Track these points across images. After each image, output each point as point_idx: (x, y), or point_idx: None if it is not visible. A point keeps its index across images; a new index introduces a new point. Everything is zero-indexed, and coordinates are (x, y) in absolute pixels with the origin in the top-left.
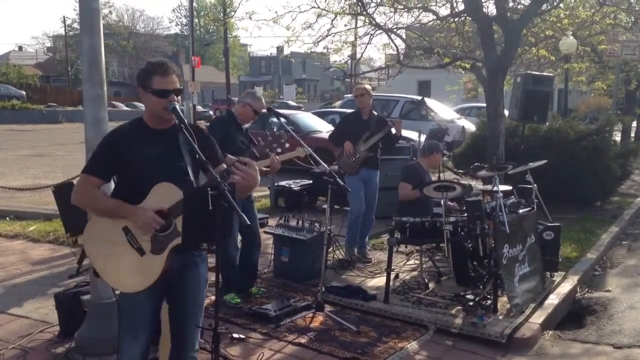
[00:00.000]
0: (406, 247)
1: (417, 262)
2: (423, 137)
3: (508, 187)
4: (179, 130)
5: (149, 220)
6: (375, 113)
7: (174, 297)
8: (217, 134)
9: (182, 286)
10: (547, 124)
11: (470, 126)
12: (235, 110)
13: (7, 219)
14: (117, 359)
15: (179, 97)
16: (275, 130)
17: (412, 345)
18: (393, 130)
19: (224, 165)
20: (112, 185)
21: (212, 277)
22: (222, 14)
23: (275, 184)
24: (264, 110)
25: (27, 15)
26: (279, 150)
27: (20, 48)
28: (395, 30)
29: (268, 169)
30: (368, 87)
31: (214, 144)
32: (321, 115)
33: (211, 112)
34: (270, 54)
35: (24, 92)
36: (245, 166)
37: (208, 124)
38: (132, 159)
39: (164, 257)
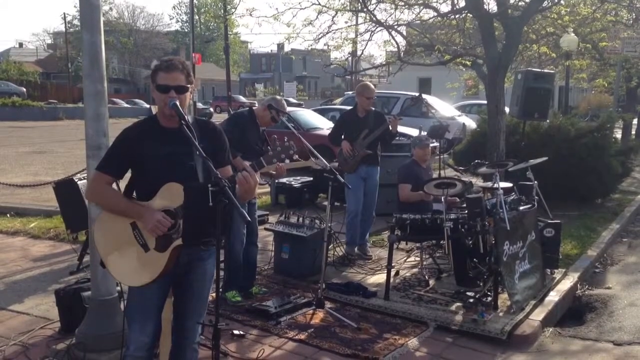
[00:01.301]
0: (406, 244)
1: (418, 259)
2: (423, 134)
3: (508, 184)
4: (193, 130)
5: (156, 223)
6: (373, 109)
7: (179, 291)
8: (234, 129)
9: (187, 280)
10: (548, 121)
11: (470, 123)
12: (257, 111)
13: (8, 215)
14: (123, 350)
15: (186, 95)
16: (285, 139)
17: (413, 342)
18: (389, 127)
19: (229, 169)
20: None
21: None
22: (222, 10)
23: (276, 181)
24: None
25: (28, 12)
26: (287, 161)
27: (20, 45)
28: (395, 27)
29: (274, 172)
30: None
31: (224, 142)
32: (322, 112)
33: (211, 109)
34: (271, 51)
35: (24, 89)
36: (247, 176)
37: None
38: (144, 156)
39: (167, 256)
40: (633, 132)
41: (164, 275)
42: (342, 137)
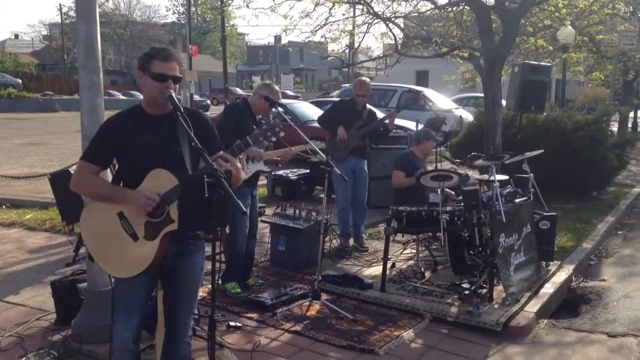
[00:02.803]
0: (403, 236)
1: (414, 251)
2: (420, 127)
3: (505, 177)
4: (181, 118)
5: (143, 201)
6: (368, 106)
7: (167, 285)
8: (230, 120)
9: (176, 275)
10: (545, 113)
11: (467, 116)
12: (251, 100)
13: (4, 207)
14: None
15: (177, 86)
16: (270, 118)
17: (408, 334)
18: (386, 120)
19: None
20: (108, 174)
21: (210, 265)
22: (219, 2)
23: (273, 173)
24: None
25: (24, 3)
26: (274, 139)
27: (16, 36)
28: (393, 19)
29: (279, 158)
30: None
31: (212, 132)
32: (319, 104)
33: (208, 102)
34: (268, 43)
35: (20, 81)
36: (227, 163)
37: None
38: (130, 145)
39: (157, 243)
40: (629, 125)
41: (156, 265)
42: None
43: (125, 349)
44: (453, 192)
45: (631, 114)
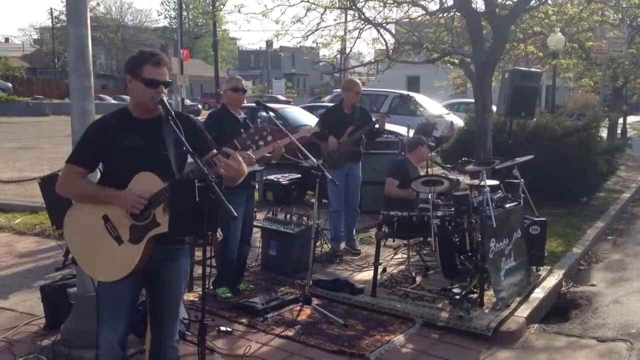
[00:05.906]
0: (394, 241)
1: (405, 256)
2: (412, 132)
3: (495, 182)
4: (165, 121)
5: (133, 200)
6: (358, 105)
7: (152, 289)
8: (212, 127)
9: (160, 278)
10: (535, 119)
11: (458, 121)
12: (224, 101)
13: None
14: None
15: (167, 90)
16: (259, 121)
17: (399, 339)
18: (376, 125)
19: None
20: (98, 174)
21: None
22: (211, 7)
23: (264, 177)
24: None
25: (14, 6)
26: (261, 143)
27: (6, 40)
28: (384, 24)
29: (271, 154)
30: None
31: (202, 133)
32: (310, 109)
33: (199, 106)
34: (260, 48)
35: (10, 85)
36: (227, 158)
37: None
38: (116, 148)
39: (142, 247)
40: (619, 131)
41: (140, 268)
42: (326, 132)
43: (112, 354)
44: (439, 201)
45: (620, 120)
